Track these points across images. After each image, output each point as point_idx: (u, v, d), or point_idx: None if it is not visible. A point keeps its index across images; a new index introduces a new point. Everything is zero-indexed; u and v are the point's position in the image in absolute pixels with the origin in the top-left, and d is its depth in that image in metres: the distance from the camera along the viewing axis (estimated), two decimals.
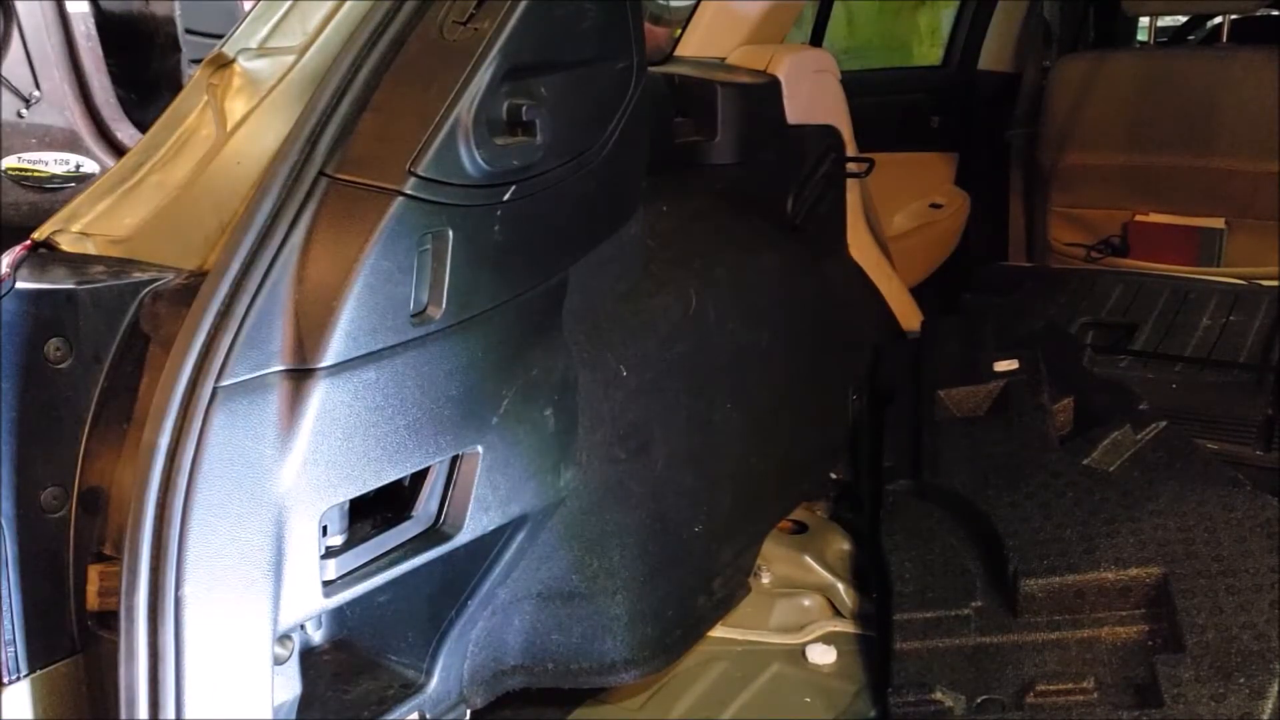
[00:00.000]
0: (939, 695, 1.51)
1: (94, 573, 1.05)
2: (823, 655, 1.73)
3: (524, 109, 1.16)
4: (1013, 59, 3.60)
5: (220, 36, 1.34)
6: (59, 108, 2.53)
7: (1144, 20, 4.14)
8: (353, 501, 1.15)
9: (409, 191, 1.08)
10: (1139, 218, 3.28)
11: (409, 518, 1.22)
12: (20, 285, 1.07)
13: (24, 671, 1.05)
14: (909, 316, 2.64)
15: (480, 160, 1.13)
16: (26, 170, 2.59)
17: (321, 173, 1.07)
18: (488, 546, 1.34)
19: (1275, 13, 3.81)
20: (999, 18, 3.56)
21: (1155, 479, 1.76)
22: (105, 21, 2.45)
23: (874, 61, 4.20)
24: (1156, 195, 3.23)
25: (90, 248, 1.18)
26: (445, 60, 1.13)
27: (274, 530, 1.03)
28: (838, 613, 1.84)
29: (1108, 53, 3.60)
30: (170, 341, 1.00)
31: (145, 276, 1.12)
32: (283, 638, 1.09)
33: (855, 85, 2.53)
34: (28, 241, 1.18)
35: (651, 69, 1.51)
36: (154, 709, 0.97)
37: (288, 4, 1.31)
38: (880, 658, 1.65)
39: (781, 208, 2.22)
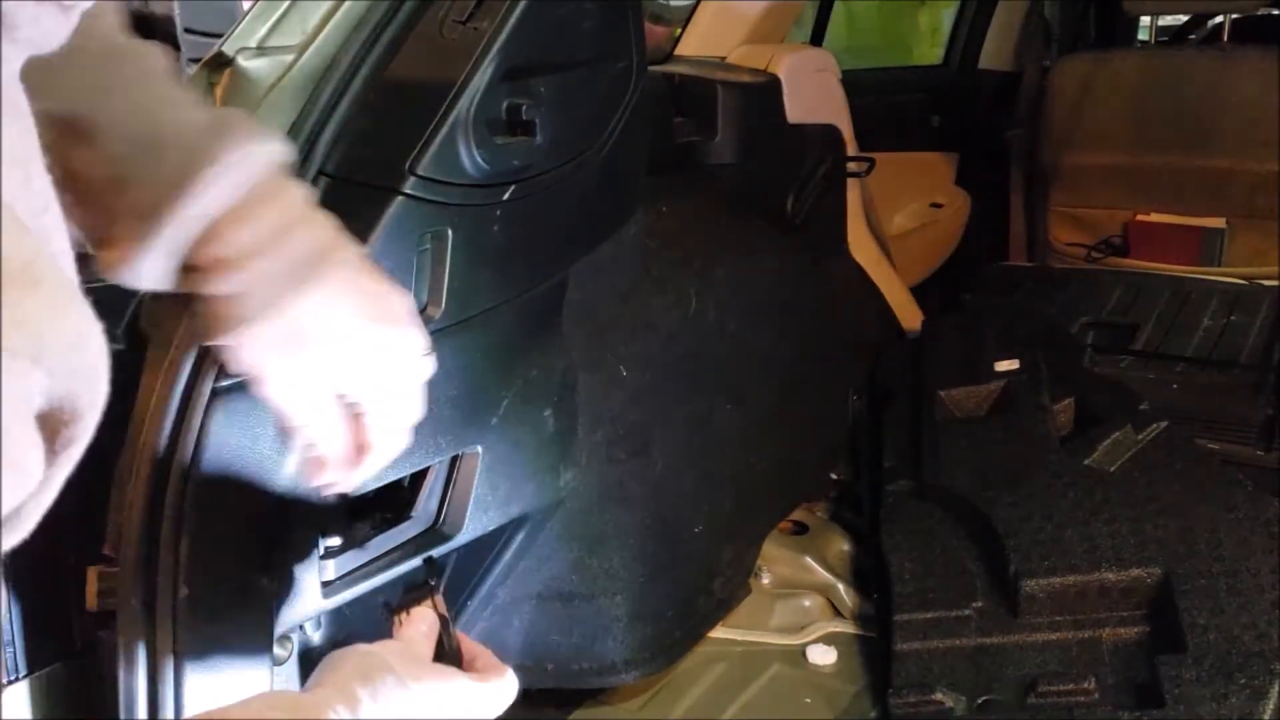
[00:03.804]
0: (940, 696, 1.51)
1: (94, 573, 1.05)
2: (823, 656, 1.73)
3: (523, 108, 1.16)
4: (1013, 58, 3.60)
5: (219, 36, 1.34)
6: None
7: (1145, 20, 4.13)
8: (352, 501, 1.15)
9: (408, 191, 1.08)
10: (1140, 217, 3.28)
11: (409, 518, 1.22)
12: None
13: (23, 672, 1.05)
14: (909, 316, 2.63)
15: (480, 160, 1.13)
16: None
17: (320, 172, 1.07)
18: (487, 547, 1.34)
19: (1276, 12, 3.81)
20: (999, 17, 3.56)
21: (1156, 479, 1.76)
22: None
23: (874, 61, 4.19)
24: (1157, 195, 3.23)
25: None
26: (445, 60, 1.13)
27: (273, 531, 1.03)
28: (838, 613, 1.84)
29: (1108, 52, 3.60)
30: (170, 342, 1.00)
31: None
32: (282, 638, 1.09)
33: (855, 85, 2.53)
34: None
35: (651, 68, 1.51)
36: (153, 709, 0.96)
37: (287, 3, 1.31)
38: (881, 658, 1.65)
39: (782, 207, 2.22)
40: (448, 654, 0.80)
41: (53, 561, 1.08)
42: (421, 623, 0.80)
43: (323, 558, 1.10)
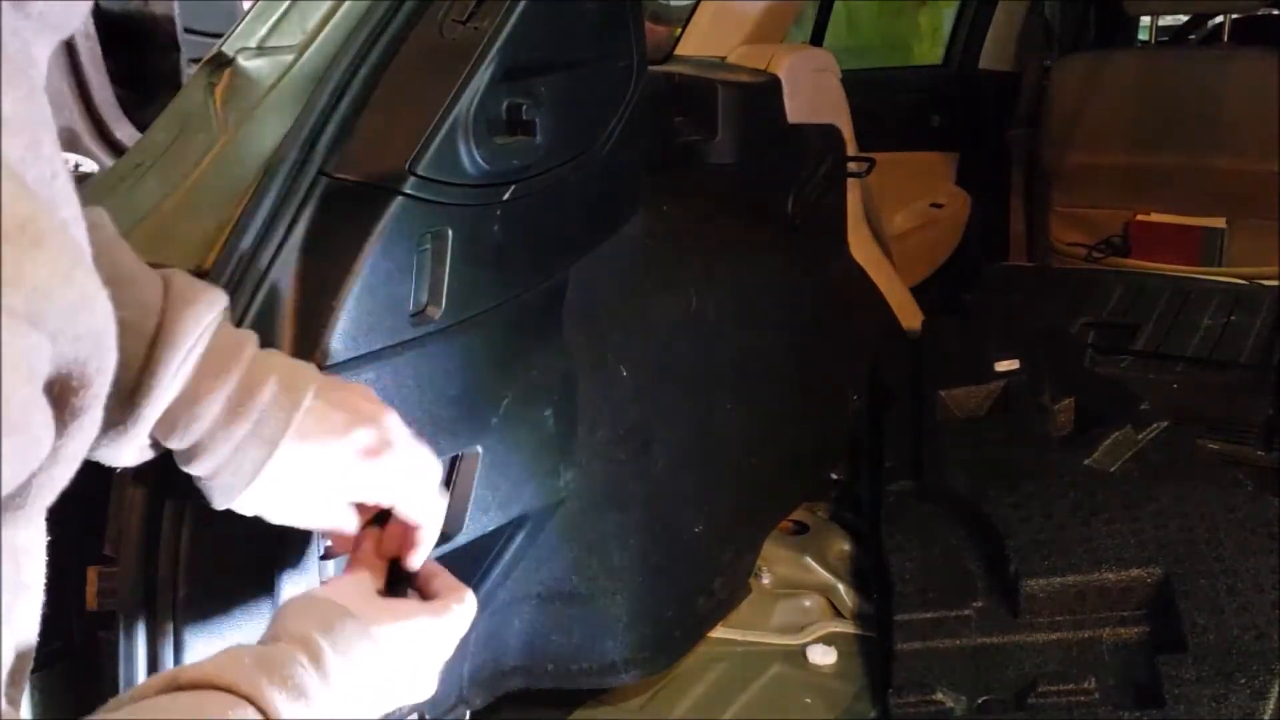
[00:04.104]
0: (940, 696, 1.51)
1: (94, 573, 1.05)
2: (823, 656, 1.72)
3: (523, 108, 1.16)
4: (1013, 59, 3.60)
5: (219, 36, 1.34)
6: (57, 107, 2.51)
7: (1145, 20, 4.14)
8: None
9: (408, 191, 1.07)
10: (1140, 217, 3.28)
11: None
12: None
13: None
14: (909, 316, 2.63)
15: (480, 160, 1.13)
16: None
17: (321, 172, 1.07)
18: (487, 547, 1.33)
19: (1276, 12, 3.81)
20: (1000, 17, 3.56)
21: (1156, 479, 1.76)
22: (104, 20, 2.44)
23: (874, 61, 4.19)
24: (1157, 195, 3.23)
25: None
26: (445, 59, 1.13)
27: (273, 531, 1.03)
28: (838, 613, 1.83)
29: (1108, 52, 3.61)
30: None
31: None
32: None
33: (855, 85, 2.53)
34: None
35: (651, 68, 1.51)
36: None
37: (287, 3, 1.31)
38: (881, 658, 1.64)
39: (782, 207, 2.22)
40: (402, 574, 0.80)
41: (52, 562, 1.07)
42: (368, 543, 0.81)
43: (322, 558, 1.10)
